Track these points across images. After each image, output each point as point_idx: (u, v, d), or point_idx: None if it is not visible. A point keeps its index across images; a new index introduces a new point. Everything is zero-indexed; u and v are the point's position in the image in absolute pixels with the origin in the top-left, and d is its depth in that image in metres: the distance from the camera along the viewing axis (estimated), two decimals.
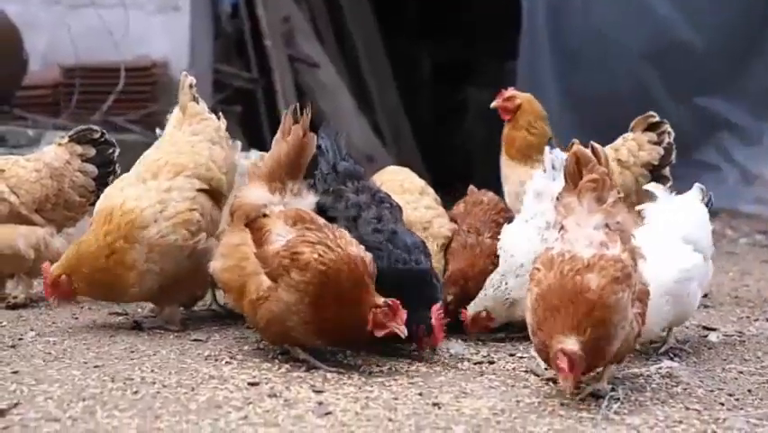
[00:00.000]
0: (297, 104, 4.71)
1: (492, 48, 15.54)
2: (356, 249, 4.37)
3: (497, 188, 6.10)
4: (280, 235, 4.37)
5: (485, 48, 16.11)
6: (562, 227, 4.10)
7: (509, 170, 6.02)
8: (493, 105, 6.14)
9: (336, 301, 4.24)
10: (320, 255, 4.28)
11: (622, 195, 4.19)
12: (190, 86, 5.23)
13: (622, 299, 3.88)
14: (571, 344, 3.75)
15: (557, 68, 11.94)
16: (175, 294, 5.12)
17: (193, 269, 4.99)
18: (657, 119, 6.03)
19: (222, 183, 5.10)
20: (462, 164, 14.64)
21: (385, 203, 4.94)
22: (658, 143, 5.94)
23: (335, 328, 4.28)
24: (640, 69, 11.74)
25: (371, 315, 4.25)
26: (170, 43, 10.73)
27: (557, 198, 4.23)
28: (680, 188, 5.34)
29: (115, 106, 10.27)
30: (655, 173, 5.91)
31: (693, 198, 5.15)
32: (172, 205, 4.92)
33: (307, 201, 4.62)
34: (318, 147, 4.87)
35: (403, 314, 4.26)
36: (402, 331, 4.25)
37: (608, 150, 5.97)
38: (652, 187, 5.25)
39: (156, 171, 5.02)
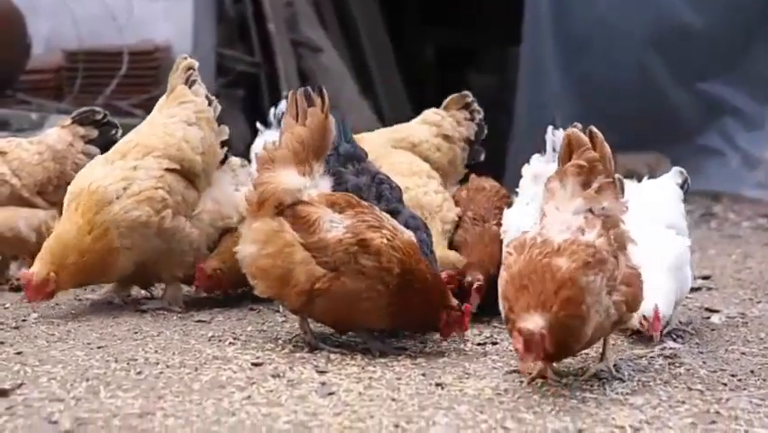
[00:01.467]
0: (308, 87, 4.54)
1: (495, 33, 15.53)
2: (407, 232, 4.41)
3: (497, 174, 6.11)
4: (334, 222, 4.27)
5: (488, 33, 16.09)
6: (543, 213, 4.02)
7: None
8: None
9: (412, 284, 4.27)
10: (389, 240, 4.26)
11: (612, 180, 4.06)
12: (187, 68, 5.22)
13: (594, 282, 3.79)
14: (532, 322, 3.67)
15: (560, 53, 11.93)
16: (152, 275, 5.13)
17: (166, 249, 5.01)
18: (471, 98, 6.09)
19: (194, 164, 5.10)
20: None
21: (384, 184, 4.93)
22: (471, 120, 6.04)
23: (409, 312, 4.30)
24: (643, 54, 11.73)
25: (445, 315, 4.35)
26: (173, 27, 10.72)
27: (545, 183, 4.13)
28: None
29: (118, 91, 10.28)
30: (471, 148, 6.03)
31: (667, 181, 5.19)
32: (137, 183, 4.93)
33: (327, 183, 4.49)
34: None
35: (467, 321, 4.42)
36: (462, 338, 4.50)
37: (425, 125, 6.04)
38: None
39: (125, 152, 5.05)
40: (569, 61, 11.94)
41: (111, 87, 10.25)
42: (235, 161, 5.58)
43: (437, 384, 3.94)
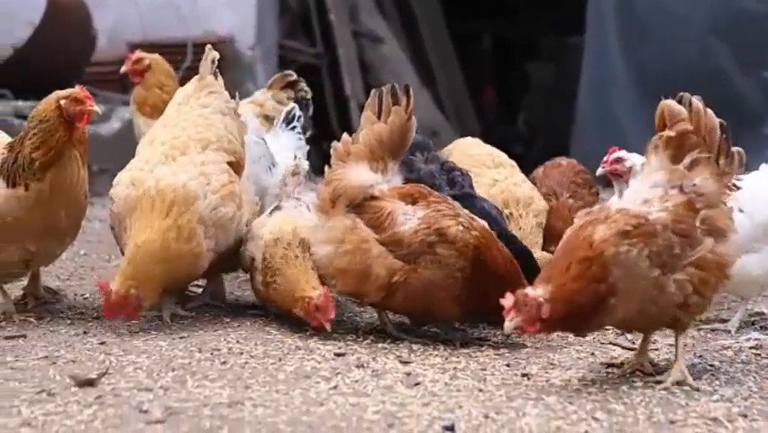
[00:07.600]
0: (395, 84, 4.44)
1: (554, 23, 15.46)
2: (481, 220, 4.37)
3: None
4: (408, 215, 4.24)
5: (546, 23, 16.02)
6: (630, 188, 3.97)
7: (146, 128, 5.97)
8: (122, 70, 6.71)
9: (490, 273, 4.23)
10: (465, 227, 4.23)
11: (709, 156, 3.86)
12: (213, 61, 4.95)
13: (629, 252, 3.62)
14: (533, 292, 3.61)
15: (624, 42, 11.81)
16: (215, 271, 4.91)
17: (235, 246, 4.77)
18: (294, 78, 6.11)
19: (242, 155, 4.86)
20: (524, 138, 14.61)
21: (455, 171, 4.91)
22: (295, 99, 6.07)
23: (483, 300, 4.17)
24: (706, 41, 11.58)
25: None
26: (237, 19, 10.76)
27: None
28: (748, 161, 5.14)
29: (182, 83, 10.28)
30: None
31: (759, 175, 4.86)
32: (214, 178, 4.62)
33: (399, 180, 4.42)
34: None
35: None
36: None
37: (250, 104, 6.05)
38: None
39: (183, 148, 4.67)
40: (631, 48, 11.82)
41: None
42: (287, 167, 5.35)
43: (523, 375, 3.92)
